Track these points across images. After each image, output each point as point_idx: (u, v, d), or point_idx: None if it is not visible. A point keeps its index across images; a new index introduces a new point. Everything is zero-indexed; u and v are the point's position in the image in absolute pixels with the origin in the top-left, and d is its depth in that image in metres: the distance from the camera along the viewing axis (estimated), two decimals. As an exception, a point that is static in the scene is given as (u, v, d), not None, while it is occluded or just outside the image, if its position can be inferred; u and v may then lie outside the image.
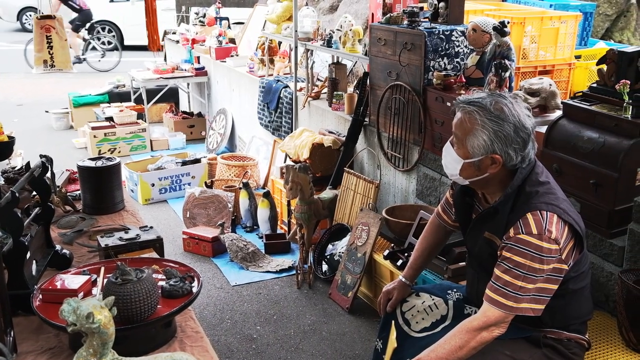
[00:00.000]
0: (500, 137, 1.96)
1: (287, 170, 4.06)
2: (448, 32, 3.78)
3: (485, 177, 2.04)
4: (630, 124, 2.63)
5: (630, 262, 2.59)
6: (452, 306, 2.32)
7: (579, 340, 2.12)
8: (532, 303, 1.94)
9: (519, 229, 1.93)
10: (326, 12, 7.01)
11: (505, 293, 1.93)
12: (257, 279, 4.14)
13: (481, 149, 1.99)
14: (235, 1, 10.73)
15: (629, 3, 7.07)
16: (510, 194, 2.00)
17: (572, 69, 4.34)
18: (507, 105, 1.98)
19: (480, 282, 2.18)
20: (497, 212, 2.04)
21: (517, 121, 1.96)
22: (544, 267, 1.92)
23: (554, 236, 1.91)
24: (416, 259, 2.50)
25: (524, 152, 1.98)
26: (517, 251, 1.93)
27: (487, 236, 2.08)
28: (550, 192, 2.00)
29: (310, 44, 5.20)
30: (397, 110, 4.04)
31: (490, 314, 1.96)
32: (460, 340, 1.97)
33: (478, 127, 1.98)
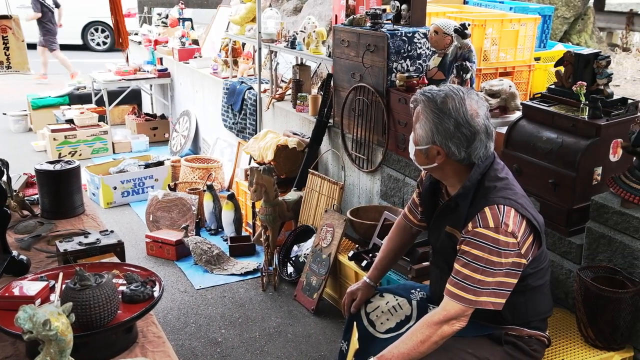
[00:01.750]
0: (440, 130, 2.02)
1: (251, 172, 4.03)
2: (410, 34, 3.81)
3: (437, 167, 2.10)
4: (587, 124, 2.68)
5: (588, 260, 2.65)
6: (416, 306, 2.34)
7: (539, 337, 2.16)
8: (492, 297, 1.97)
9: (477, 222, 1.97)
10: (290, 14, 7.00)
11: (465, 286, 1.97)
12: (222, 282, 4.10)
13: (425, 139, 2.06)
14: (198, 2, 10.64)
15: (586, 7, 7.25)
16: (469, 187, 2.04)
17: (532, 70, 4.42)
18: (454, 100, 2.01)
19: (443, 280, 2.21)
20: (457, 205, 2.08)
21: (461, 117, 1.99)
22: (502, 260, 1.95)
23: (510, 229, 1.95)
24: (381, 259, 2.52)
25: (468, 148, 2.01)
26: (475, 244, 1.96)
27: (448, 230, 2.12)
28: (509, 188, 2.05)
29: (274, 46, 5.19)
30: (361, 112, 4.05)
31: (450, 307, 1.99)
32: (422, 335, 2.00)
33: (422, 117, 2.06)
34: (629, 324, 2.41)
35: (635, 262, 2.45)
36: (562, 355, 2.42)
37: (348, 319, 2.46)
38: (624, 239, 2.49)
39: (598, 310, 2.41)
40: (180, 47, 7.19)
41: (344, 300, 2.49)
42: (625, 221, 2.48)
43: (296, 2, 7.30)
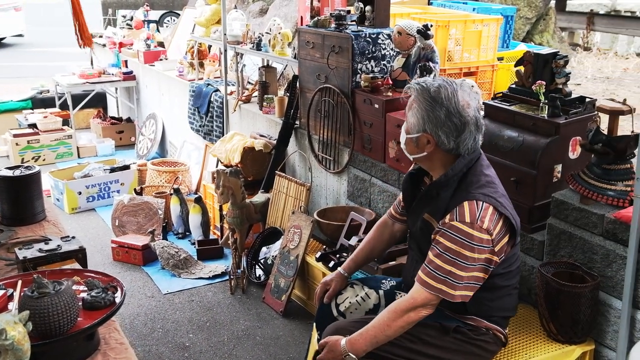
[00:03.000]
0: (431, 118, 2.05)
1: (217, 175, 4.01)
2: (374, 35, 3.83)
3: (426, 156, 2.13)
4: (547, 123, 2.73)
5: (550, 256, 2.70)
6: (383, 295, 2.39)
7: (496, 333, 2.19)
8: (463, 290, 2.01)
9: (454, 215, 2.01)
10: (256, 15, 6.99)
11: (435, 276, 2.01)
12: (190, 286, 4.07)
13: (416, 127, 2.10)
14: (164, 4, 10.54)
15: (548, 7, 7.38)
16: (451, 176, 2.08)
17: (495, 70, 4.49)
18: (447, 90, 2.05)
19: (417, 263, 2.23)
20: (438, 195, 2.11)
21: (453, 107, 2.03)
22: (475, 255, 1.99)
23: (485, 226, 1.99)
24: (358, 252, 2.55)
25: (457, 138, 2.05)
26: (449, 237, 2.00)
27: (426, 217, 2.15)
28: (491, 185, 2.09)
29: (239, 48, 5.17)
30: (327, 113, 4.06)
31: (418, 295, 2.03)
32: (388, 320, 2.06)
33: (415, 105, 2.10)
34: (588, 317, 2.46)
35: (594, 257, 2.50)
36: (525, 350, 2.45)
37: (319, 308, 2.48)
38: (583, 235, 2.55)
39: (559, 305, 2.46)
40: (145, 49, 7.10)
41: (318, 289, 2.52)
42: (585, 217, 2.53)
43: (262, 3, 7.29)
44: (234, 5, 5.97)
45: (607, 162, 2.52)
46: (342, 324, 2.29)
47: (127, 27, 8.24)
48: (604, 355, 2.53)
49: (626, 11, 11.41)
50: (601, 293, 2.50)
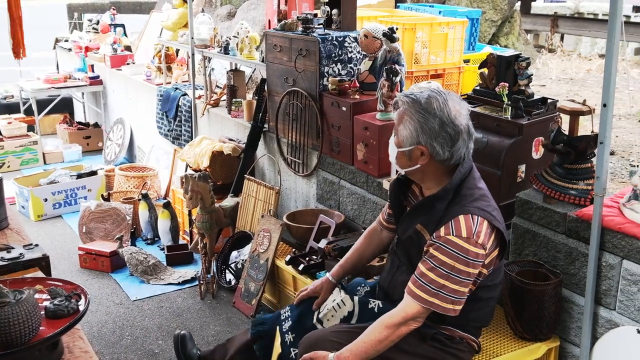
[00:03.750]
0: (425, 129, 2.04)
1: (186, 179, 3.98)
2: (341, 38, 3.84)
3: (419, 169, 2.11)
4: (510, 124, 2.78)
5: (515, 255, 2.74)
6: (358, 302, 2.37)
7: (470, 341, 2.21)
8: (455, 304, 2.02)
9: (450, 229, 2.00)
10: (224, 19, 6.96)
11: (428, 289, 2.01)
12: (159, 292, 4.03)
13: (409, 139, 2.08)
14: (131, 8, 10.44)
15: (513, 10, 7.50)
16: (449, 190, 2.07)
17: (462, 72, 4.54)
18: (438, 101, 2.04)
19: (399, 270, 2.24)
20: (433, 207, 2.09)
21: (445, 117, 2.02)
22: (470, 270, 1.99)
23: (481, 241, 1.99)
24: (346, 259, 2.54)
25: (452, 148, 2.04)
26: (445, 251, 2.00)
27: (418, 228, 2.14)
28: (484, 199, 2.09)
29: (207, 51, 5.14)
30: (295, 116, 4.06)
31: (410, 309, 2.03)
32: (380, 335, 2.05)
33: (407, 118, 2.08)
34: (553, 314, 2.50)
35: (557, 255, 2.55)
36: (492, 349, 2.49)
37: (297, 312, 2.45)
38: (547, 233, 2.59)
39: (524, 303, 2.50)
40: (112, 53, 7.02)
41: (304, 292, 2.49)
42: (548, 216, 2.58)
43: (230, 7, 7.26)
44: (201, 9, 5.93)
45: (568, 162, 2.57)
46: (322, 334, 2.26)
47: (93, 31, 8.13)
48: (569, 351, 2.58)
49: (589, 13, 11.68)
50: (565, 290, 2.55)
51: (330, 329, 2.30)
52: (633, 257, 2.28)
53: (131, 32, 8.28)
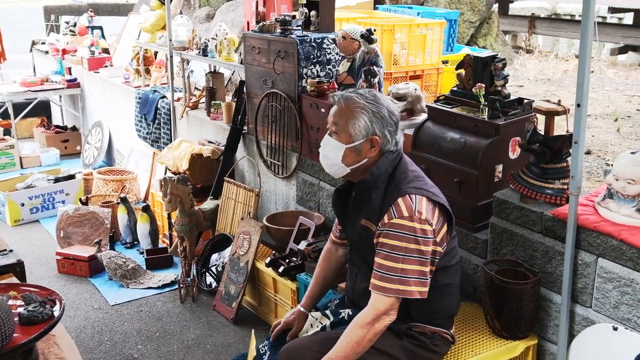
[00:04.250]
0: (378, 117, 2.11)
1: (164, 182, 3.96)
2: (319, 39, 3.85)
3: (365, 164, 2.15)
4: (487, 124, 2.79)
5: (493, 254, 2.76)
6: (330, 314, 2.37)
7: (442, 335, 2.22)
8: (419, 286, 2.04)
9: (392, 214, 2.04)
10: (203, 21, 6.93)
11: (390, 278, 2.02)
12: (138, 296, 4.00)
13: (362, 131, 2.11)
14: (109, 10, 10.35)
15: (490, 11, 7.56)
16: (377, 175, 2.12)
17: (440, 73, 4.56)
18: (375, 93, 2.17)
19: (358, 278, 2.24)
20: (370, 198, 2.13)
21: (388, 105, 2.14)
22: (422, 247, 2.02)
23: (424, 217, 2.03)
24: (312, 287, 2.54)
25: (396, 136, 2.15)
26: (393, 235, 2.02)
27: (363, 223, 2.16)
28: (419, 179, 2.14)
29: (185, 54, 5.11)
30: (274, 118, 4.06)
31: (379, 303, 2.03)
32: (356, 337, 2.04)
33: (358, 109, 2.11)
34: (531, 313, 2.52)
35: (534, 254, 2.57)
36: (471, 347, 2.50)
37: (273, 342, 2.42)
38: (524, 233, 2.61)
39: (503, 302, 2.51)
40: (89, 56, 6.96)
41: (278, 326, 2.46)
42: (525, 215, 2.60)
43: (208, 9, 7.23)
44: (179, 11, 5.90)
45: (544, 162, 2.59)
46: (301, 344, 2.25)
47: (70, 34, 8.04)
48: (547, 349, 2.60)
49: (565, 14, 11.81)
50: (542, 289, 2.57)
51: (309, 337, 2.29)
52: (608, 255, 2.31)
53: (109, 35, 8.22)
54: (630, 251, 2.23)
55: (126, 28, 7.45)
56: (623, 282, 2.26)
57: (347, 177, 2.25)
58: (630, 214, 2.31)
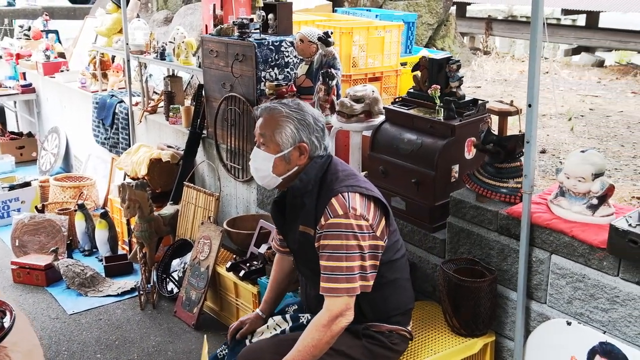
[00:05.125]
0: (304, 124, 2.14)
1: (122, 188, 3.90)
2: (277, 42, 3.84)
3: (296, 172, 2.17)
4: (443, 125, 2.83)
5: (451, 253, 2.79)
6: (290, 318, 2.37)
7: (400, 332, 2.24)
8: (362, 281, 2.05)
9: (328, 215, 2.06)
10: (161, 24, 6.85)
11: (337, 278, 2.03)
12: (97, 305, 3.93)
13: (290, 139, 2.13)
14: (64, 13, 10.14)
15: (448, 13, 7.66)
16: (307, 181, 2.14)
17: (399, 75, 4.61)
18: (299, 101, 2.21)
19: (308, 286, 2.25)
20: (304, 204, 2.15)
21: (313, 112, 2.18)
22: (361, 243, 2.04)
23: (359, 212, 2.05)
24: (268, 292, 2.54)
25: (324, 141, 2.18)
26: (332, 235, 2.04)
27: (301, 229, 2.17)
28: (351, 177, 2.16)
29: (142, 57, 5.05)
30: (234, 122, 4.04)
31: (332, 305, 2.04)
32: (313, 340, 2.04)
33: (284, 118, 2.14)
34: (488, 310, 2.56)
35: (491, 252, 2.61)
36: (430, 346, 2.52)
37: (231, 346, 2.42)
38: (480, 231, 2.65)
39: (461, 300, 2.54)
40: (45, 60, 6.81)
41: (232, 326, 2.48)
42: (481, 214, 2.64)
43: (166, 12, 7.16)
44: (136, 14, 5.82)
45: (498, 161, 2.64)
46: (259, 347, 2.25)
47: (24, 38, 7.85)
48: (504, 345, 2.65)
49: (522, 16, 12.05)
50: (499, 286, 2.61)
51: (267, 340, 2.29)
52: (561, 251, 2.36)
53: (65, 39, 8.04)
54: (582, 247, 2.28)
55: (82, 32, 7.31)
56: (575, 278, 2.32)
57: (280, 187, 2.25)
58: (581, 211, 2.37)
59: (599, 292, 2.25)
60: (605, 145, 4.95)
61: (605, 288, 2.23)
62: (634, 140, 5.20)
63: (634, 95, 6.89)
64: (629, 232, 2.07)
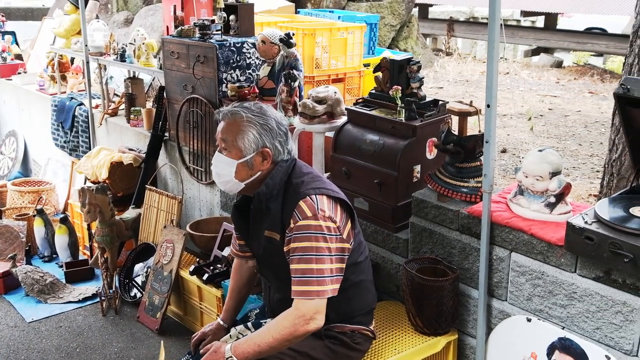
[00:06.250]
0: (267, 129, 2.11)
1: (82, 192, 3.83)
2: (239, 44, 3.82)
3: (259, 178, 2.15)
4: (404, 126, 2.85)
5: (414, 253, 2.81)
6: (252, 326, 2.35)
7: (362, 332, 2.25)
8: (334, 284, 2.05)
9: (296, 217, 2.04)
10: (121, 25, 6.76)
11: (308, 280, 2.01)
12: (58, 312, 3.84)
13: (252, 145, 2.11)
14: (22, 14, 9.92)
15: (410, 15, 7.73)
16: (272, 186, 2.12)
17: (362, 76, 4.62)
18: (261, 105, 2.17)
19: (271, 290, 2.24)
20: (269, 209, 2.13)
21: (276, 116, 2.15)
22: (330, 245, 2.04)
23: (327, 214, 2.05)
24: (228, 301, 2.51)
25: (287, 145, 2.16)
26: (301, 238, 2.03)
27: (267, 234, 2.16)
28: (316, 180, 2.16)
29: (102, 59, 4.97)
30: (196, 124, 4.00)
31: (301, 306, 2.02)
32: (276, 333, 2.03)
33: (246, 124, 2.11)
34: (451, 309, 2.59)
35: (452, 251, 2.64)
36: (393, 345, 2.54)
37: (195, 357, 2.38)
38: (442, 231, 2.68)
39: (424, 299, 2.56)
40: (1, 62, 6.65)
41: (194, 337, 2.44)
42: (442, 214, 2.67)
43: (127, 13, 7.06)
44: (95, 15, 5.72)
45: (459, 161, 2.67)
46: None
47: (-21, 39, 7.65)
48: (467, 343, 2.68)
49: (483, 18, 12.23)
50: (461, 285, 2.64)
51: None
52: (520, 249, 2.40)
53: (23, 40, 7.86)
54: (540, 245, 2.32)
55: (40, 33, 7.16)
56: (534, 275, 2.36)
57: (243, 192, 2.23)
58: (539, 209, 2.41)
59: (557, 288, 2.29)
60: (563, 144, 5.08)
61: (563, 284, 2.27)
62: (591, 139, 5.34)
63: (591, 95, 7.06)
64: (585, 229, 2.12)
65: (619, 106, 2.24)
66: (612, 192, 3.25)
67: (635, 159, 2.36)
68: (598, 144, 5.11)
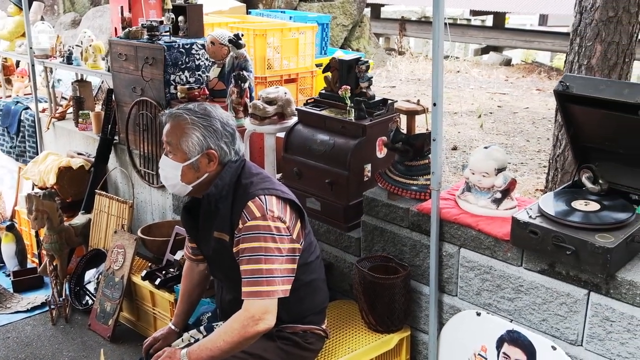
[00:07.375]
0: (211, 131, 2.09)
1: (29, 198, 3.73)
2: (188, 45, 3.78)
3: (206, 179, 2.13)
4: (354, 125, 2.87)
5: (366, 251, 2.83)
6: (204, 330, 2.33)
7: (314, 331, 2.26)
8: (285, 284, 2.04)
9: (245, 218, 2.03)
10: (68, 27, 6.60)
11: (258, 281, 2.00)
12: (5, 322, 3.73)
13: (197, 147, 2.09)
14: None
15: (362, 14, 7.78)
16: (221, 186, 2.11)
17: (314, 76, 4.63)
18: (206, 106, 2.14)
19: (223, 291, 2.23)
20: (217, 209, 2.12)
21: (221, 117, 2.13)
22: (280, 245, 2.03)
23: (276, 215, 2.05)
24: (179, 305, 2.49)
25: (234, 146, 2.14)
26: (250, 238, 2.02)
27: (216, 236, 2.15)
28: (266, 180, 2.16)
29: (48, 62, 4.85)
30: (146, 126, 3.94)
31: (250, 306, 2.01)
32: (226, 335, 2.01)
33: (189, 126, 2.08)
34: (403, 305, 2.61)
35: (403, 248, 2.67)
36: (347, 344, 2.55)
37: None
38: (392, 229, 2.70)
39: (376, 297, 2.59)
40: (-59, 66, 6.41)
41: (146, 342, 2.41)
42: (393, 212, 2.69)
43: (74, 15, 6.90)
44: (40, 17, 5.58)
45: (408, 159, 2.70)
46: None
47: None
48: (419, 339, 2.71)
49: (434, 18, 12.35)
50: (412, 281, 2.67)
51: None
52: (468, 245, 2.44)
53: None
54: (488, 240, 2.37)
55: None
56: (483, 270, 2.40)
57: (191, 194, 2.21)
58: (486, 205, 2.46)
59: (504, 282, 2.34)
60: (512, 141, 5.19)
61: (510, 278, 2.32)
62: (539, 135, 5.48)
63: (538, 93, 7.24)
64: (529, 223, 2.17)
65: (560, 103, 2.30)
66: (556, 186, 3.34)
67: (576, 154, 2.42)
68: (545, 140, 5.24)
